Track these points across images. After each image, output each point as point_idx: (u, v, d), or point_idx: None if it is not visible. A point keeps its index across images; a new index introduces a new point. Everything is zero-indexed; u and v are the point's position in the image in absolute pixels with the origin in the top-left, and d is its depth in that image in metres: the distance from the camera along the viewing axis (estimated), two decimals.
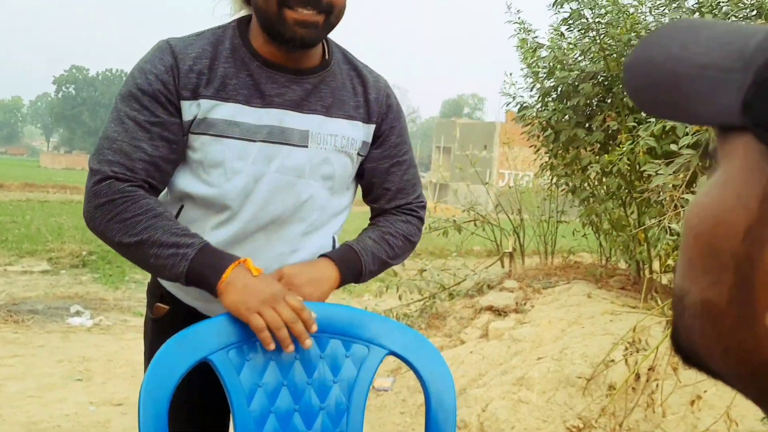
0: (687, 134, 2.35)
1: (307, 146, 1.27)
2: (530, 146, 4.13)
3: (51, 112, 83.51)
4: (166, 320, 1.32)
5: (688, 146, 2.33)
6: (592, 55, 3.29)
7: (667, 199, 2.32)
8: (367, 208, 1.49)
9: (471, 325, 3.32)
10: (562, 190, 3.81)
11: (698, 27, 0.38)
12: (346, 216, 1.44)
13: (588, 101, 3.27)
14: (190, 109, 1.22)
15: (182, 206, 1.28)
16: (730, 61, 0.32)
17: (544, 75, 3.51)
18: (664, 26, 0.39)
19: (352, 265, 1.29)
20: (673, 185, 2.31)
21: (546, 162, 3.68)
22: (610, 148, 3.31)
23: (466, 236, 4.77)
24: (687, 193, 2.35)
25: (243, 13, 1.31)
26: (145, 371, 1.34)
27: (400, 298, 3.86)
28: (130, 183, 1.18)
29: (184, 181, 1.26)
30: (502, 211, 4.83)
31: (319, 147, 1.28)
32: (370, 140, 1.37)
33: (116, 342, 4.95)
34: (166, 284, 1.34)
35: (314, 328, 1.08)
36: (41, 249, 8.56)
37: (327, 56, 1.32)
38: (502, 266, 4.55)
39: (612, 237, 3.66)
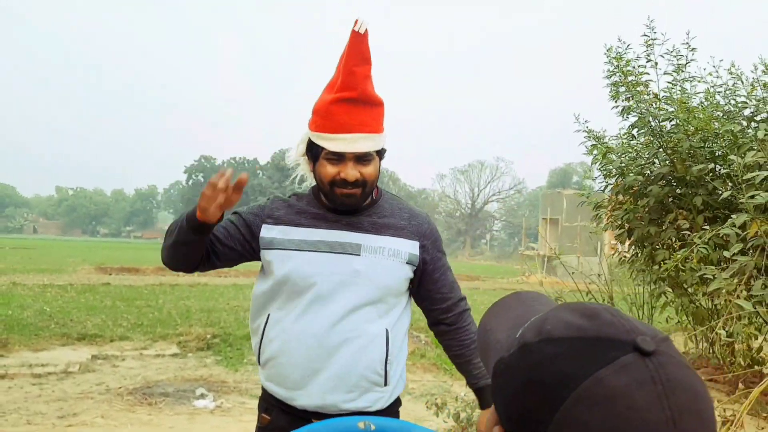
0: (740, 240, 2.50)
1: (359, 255, 1.72)
2: (613, 236, 4.29)
3: (182, 199, 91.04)
4: (268, 429, 1.72)
5: (740, 252, 2.47)
6: (662, 158, 3.48)
7: (722, 303, 2.46)
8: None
9: None
10: (645, 283, 3.92)
11: (513, 307, 0.69)
12: (399, 316, 1.82)
13: (659, 200, 3.44)
14: (270, 230, 1.76)
15: (269, 314, 1.75)
16: (505, 344, 0.63)
17: (617, 174, 3.72)
18: (503, 299, 0.71)
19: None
20: (727, 291, 2.45)
21: (625, 257, 3.83)
22: (684, 243, 3.44)
23: None
24: (744, 297, 2.47)
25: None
26: None
27: None
28: None
29: (263, 286, 1.79)
30: (593, 298, 4.93)
31: (369, 256, 1.74)
32: (417, 252, 1.81)
33: (235, 423, 5.44)
34: (267, 385, 1.77)
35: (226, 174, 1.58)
36: (172, 333, 9.47)
37: (374, 197, 1.81)
38: None
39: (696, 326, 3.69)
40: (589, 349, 0.50)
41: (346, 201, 1.71)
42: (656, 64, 3.52)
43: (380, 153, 1.75)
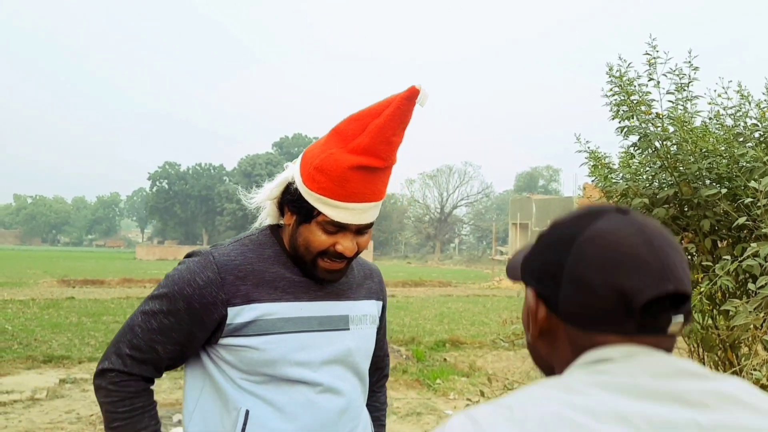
0: (764, 272, 2.42)
1: (348, 329, 1.50)
2: None
3: (146, 206, 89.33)
4: None
5: (766, 285, 2.39)
6: (662, 179, 3.40)
7: (750, 338, 2.36)
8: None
9: None
10: None
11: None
12: None
13: (663, 223, 3.36)
14: (239, 313, 1.36)
15: (247, 410, 1.38)
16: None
17: (621, 196, 3.63)
18: (534, 240, 0.84)
19: None
20: (755, 325, 2.36)
21: None
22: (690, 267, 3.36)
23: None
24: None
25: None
26: None
27: None
28: (128, 379, 1.40)
29: (219, 378, 1.41)
30: None
31: (357, 327, 1.52)
32: (379, 314, 1.64)
33: None
34: None
35: None
36: None
37: None
38: None
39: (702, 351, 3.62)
40: (585, 214, 0.77)
41: (329, 277, 1.43)
42: (658, 83, 3.44)
43: None
